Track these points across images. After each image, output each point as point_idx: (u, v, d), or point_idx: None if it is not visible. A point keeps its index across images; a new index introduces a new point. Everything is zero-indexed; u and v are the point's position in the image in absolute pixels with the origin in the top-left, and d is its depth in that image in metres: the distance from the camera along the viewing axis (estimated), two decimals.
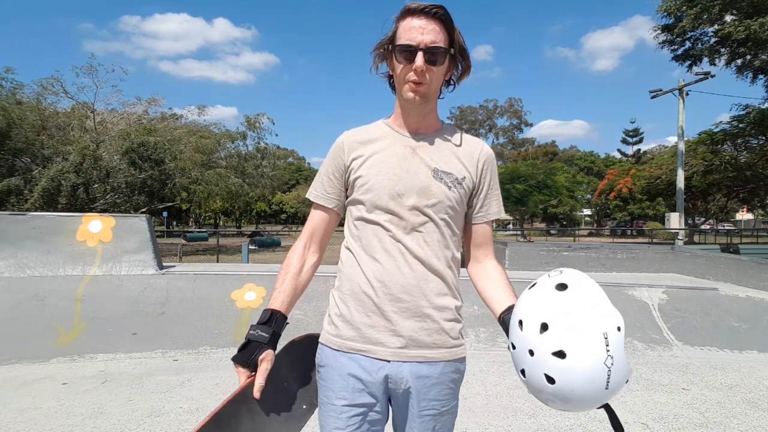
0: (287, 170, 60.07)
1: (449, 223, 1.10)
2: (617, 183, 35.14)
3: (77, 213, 5.08)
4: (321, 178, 1.19)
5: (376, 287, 1.06)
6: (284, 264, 1.16)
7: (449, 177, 1.10)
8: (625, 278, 5.79)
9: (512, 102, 59.62)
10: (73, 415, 2.71)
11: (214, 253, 16.90)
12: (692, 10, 15.48)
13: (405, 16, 1.06)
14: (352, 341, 1.07)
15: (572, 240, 25.79)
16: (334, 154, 1.17)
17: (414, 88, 1.06)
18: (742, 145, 21.47)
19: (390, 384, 1.06)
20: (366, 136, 1.15)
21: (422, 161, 1.10)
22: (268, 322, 1.06)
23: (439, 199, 1.08)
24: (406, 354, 1.05)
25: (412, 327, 1.05)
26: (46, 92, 17.55)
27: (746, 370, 3.73)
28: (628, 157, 56.57)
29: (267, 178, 25.96)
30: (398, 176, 1.08)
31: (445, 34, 1.05)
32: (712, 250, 11.78)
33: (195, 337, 4.03)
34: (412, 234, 1.07)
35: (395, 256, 1.07)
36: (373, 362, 1.05)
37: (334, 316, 1.12)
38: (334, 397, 1.06)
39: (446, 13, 1.05)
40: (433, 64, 1.04)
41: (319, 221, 1.19)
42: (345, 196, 1.17)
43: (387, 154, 1.11)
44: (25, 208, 14.82)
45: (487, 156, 1.16)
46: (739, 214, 42.09)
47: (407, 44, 1.03)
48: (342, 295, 1.12)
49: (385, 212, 1.08)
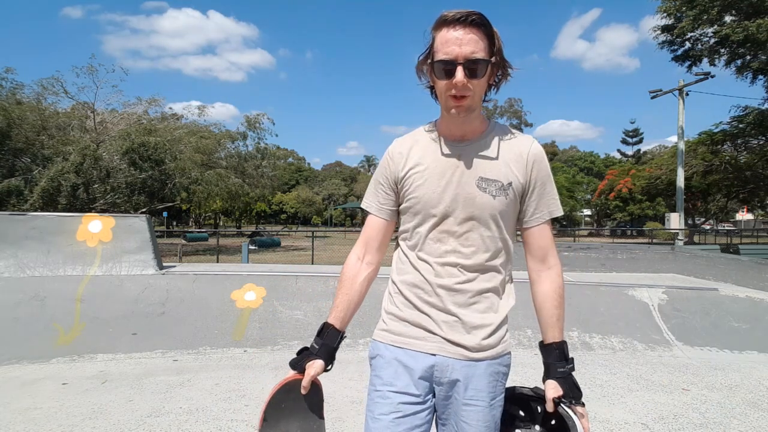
0: (287, 170, 60.12)
1: (496, 229, 1.11)
2: (617, 183, 35.14)
3: (77, 213, 5.08)
4: (375, 188, 1.22)
5: (427, 289, 1.11)
6: (339, 278, 1.21)
7: (494, 185, 1.09)
8: (625, 278, 5.79)
9: (512, 102, 59.59)
10: (73, 415, 2.71)
11: (214, 253, 16.90)
12: (692, 12, 15.50)
13: (441, 27, 1.02)
14: (400, 336, 1.14)
15: (572, 240, 25.77)
16: (385, 164, 1.19)
17: (456, 103, 1.04)
18: (741, 146, 21.46)
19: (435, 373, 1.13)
20: (413, 146, 1.16)
21: (466, 170, 1.10)
22: (320, 334, 1.16)
23: (483, 209, 1.09)
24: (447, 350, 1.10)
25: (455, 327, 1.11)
26: (46, 92, 17.49)
27: (746, 370, 3.72)
28: (628, 157, 56.54)
29: (267, 179, 25.94)
30: (443, 188, 1.10)
31: (484, 42, 1.01)
32: (712, 251, 11.78)
33: (195, 337, 4.02)
34: (459, 242, 1.10)
35: (444, 262, 1.10)
36: (419, 355, 1.11)
37: (384, 313, 1.19)
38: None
39: (484, 19, 1.00)
40: (474, 77, 1.01)
41: (373, 231, 1.21)
42: (398, 205, 1.19)
43: (433, 166, 1.12)
44: (25, 208, 14.81)
45: (536, 155, 1.12)
46: (739, 215, 42.08)
47: (445, 59, 1.00)
48: (392, 296, 1.18)
49: (433, 223, 1.11)
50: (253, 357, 3.84)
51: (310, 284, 4.56)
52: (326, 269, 5.46)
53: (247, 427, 2.59)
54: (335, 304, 1.17)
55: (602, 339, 4.25)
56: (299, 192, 61.84)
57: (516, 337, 4.14)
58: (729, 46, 16.34)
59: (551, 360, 1.12)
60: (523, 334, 4.18)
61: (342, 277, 1.19)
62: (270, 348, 4.00)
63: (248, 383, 3.26)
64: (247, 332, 4.13)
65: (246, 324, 4.19)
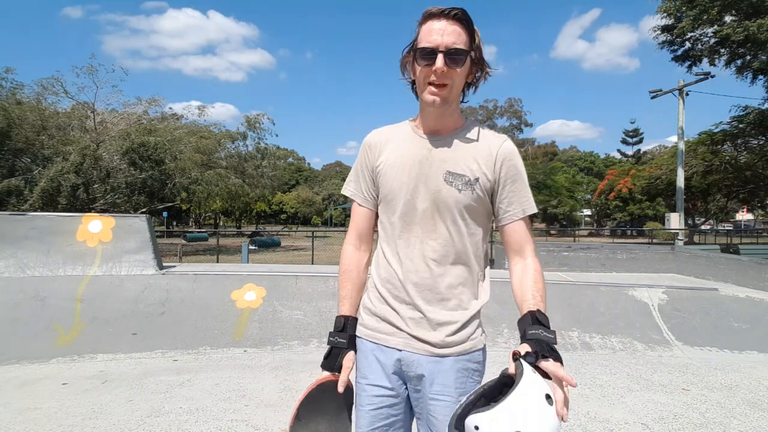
0: (287, 170, 60.09)
1: (463, 224, 1.13)
2: (617, 183, 35.14)
3: (77, 213, 5.08)
4: (355, 175, 1.25)
5: (396, 285, 1.13)
6: (341, 271, 1.23)
7: (461, 179, 1.11)
8: (625, 278, 5.79)
9: (512, 102, 59.60)
10: (73, 415, 2.71)
11: (214, 253, 16.90)
12: (692, 12, 15.48)
13: (426, 20, 1.08)
14: (373, 330, 1.17)
15: (572, 240, 25.79)
16: (363, 153, 1.23)
17: (435, 91, 1.08)
18: (742, 146, 21.44)
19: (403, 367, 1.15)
20: (390, 137, 1.20)
21: (435, 164, 1.13)
22: (343, 328, 1.17)
23: (448, 203, 1.11)
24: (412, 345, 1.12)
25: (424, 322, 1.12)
26: (46, 92, 17.48)
27: (746, 370, 3.73)
28: (628, 157, 56.52)
29: (267, 179, 25.93)
30: (411, 179, 1.13)
31: (466, 36, 1.06)
32: (712, 251, 11.77)
33: (195, 337, 4.02)
34: (428, 235, 1.12)
35: (413, 257, 1.12)
36: (388, 350, 1.14)
37: (362, 307, 1.22)
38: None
39: (467, 15, 1.06)
40: (454, 65, 1.06)
41: (361, 220, 1.24)
42: (378, 194, 1.22)
43: (405, 158, 1.15)
44: (25, 208, 14.81)
45: (507, 153, 1.14)
46: (739, 215, 42.06)
47: (428, 47, 1.05)
48: (369, 290, 1.21)
49: (401, 215, 1.14)
50: (253, 357, 3.84)
51: (310, 284, 4.56)
52: (326, 269, 5.46)
53: (248, 427, 2.59)
54: (344, 295, 1.20)
55: (602, 339, 4.25)
56: (299, 192, 61.82)
57: (516, 338, 4.12)
58: (729, 46, 16.32)
59: (524, 326, 1.03)
60: None
61: (344, 268, 1.22)
62: (270, 348, 4.00)
63: (248, 383, 3.26)
64: (247, 332, 4.13)
65: (246, 324, 4.19)
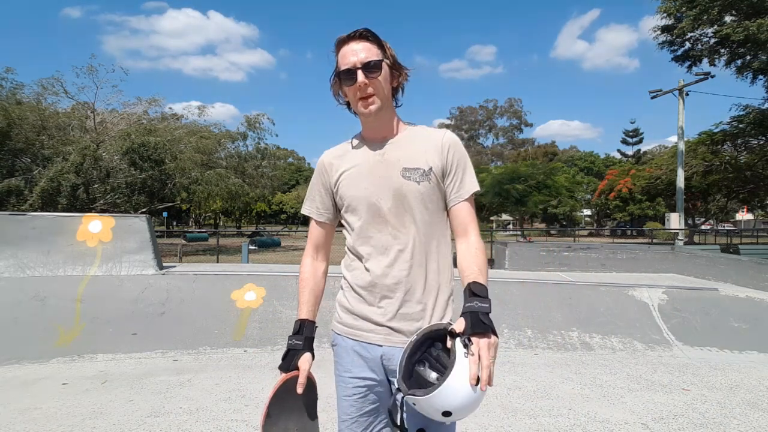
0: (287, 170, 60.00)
1: (427, 213, 1.21)
2: (617, 183, 35.09)
3: (77, 213, 5.09)
4: (312, 195, 1.35)
5: (371, 282, 1.20)
6: (300, 279, 1.33)
7: (417, 172, 1.20)
8: (625, 278, 5.79)
9: (512, 102, 59.67)
10: (73, 416, 2.71)
11: (214, 253, 16.89)
12: (692, 12, 15.47)
13: (339, 47, 1.21)
14: (352, 328, 1.24)
15: (572, 240, 25.81)
16: (319, 172, 1.32)
17: (366, 103, 1.19)
18: (742, 146, 21.43)
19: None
20: (343, 153, 1.30)
21: (391, 164, 1.22)
22: (299, 331, 1.24)
23: (410, 196, 1.19)
24: (392, 340, 1.18)
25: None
26: (46, 92, 17.46)
27: (746, 370, 3.73)
28: (628, 157, 56.50)
29: (267, 179, 25.93)
30: (372, 183, 1.21)
31: (376, 48, 1.19)
32: (712, 251, 11.76)
33: (195, 337, 4.03)
34: (396, 231, 1.20)
35: (386, 255, 1.20)
36: (369, 346, 1.21)
37: (338, 305, 1.30)
38: None
39: (371, 32, 1.20)
40: (373, 75, 1.17)
41: (318, 234, 1.36)
42: (335, 208, 1.32)
43: (362, 166, 1.24)
44: (25, 208, 14.80)
45: (451, 141, 1.25)
46: (739, 215, 42.06)
47: (346, 68, 1.18)
48: (343, 289, 1.29)
49: (368, 217, 1.22)
50: (253, 357, 3.84)
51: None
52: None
53: (247, 427, 2.59)
54: (303, 300, 1.29)
55: (602, 339, 4.24)
56: (299, 192, 61.71)
57: (516, 338, 4.14)
58: (729, 46, 16.32)
59: (464, 299, 1.08)
60: (523, 334, 4.17)
61: (303, 277, 1.33)
62: (270, 348, 4.01)
63: (248, 383, 3.26)
64: (247, 332, 4.13)
65: (246, 324, 4.19)
